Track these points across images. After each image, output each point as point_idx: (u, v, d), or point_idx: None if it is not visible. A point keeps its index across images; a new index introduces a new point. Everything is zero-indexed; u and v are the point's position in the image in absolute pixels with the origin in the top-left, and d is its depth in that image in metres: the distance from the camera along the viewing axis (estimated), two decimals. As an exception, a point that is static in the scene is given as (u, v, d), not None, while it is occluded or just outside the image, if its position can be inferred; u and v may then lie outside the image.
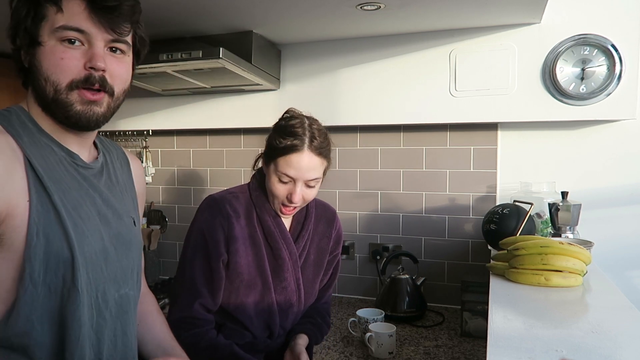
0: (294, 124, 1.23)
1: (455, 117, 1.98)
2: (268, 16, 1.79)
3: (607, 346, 0.90)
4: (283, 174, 1.21)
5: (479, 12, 1.74)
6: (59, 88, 0.82)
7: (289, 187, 1.23)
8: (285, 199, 1.24)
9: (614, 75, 1.77)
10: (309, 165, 1.22)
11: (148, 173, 2.60)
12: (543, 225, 1.82)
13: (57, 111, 0.84)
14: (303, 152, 1.20)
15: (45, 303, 0.80)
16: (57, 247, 0.80)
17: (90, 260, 0.84)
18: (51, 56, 0.81)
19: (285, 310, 1.32)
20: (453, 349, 1.68)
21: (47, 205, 0.79)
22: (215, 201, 1.27)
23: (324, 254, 1.40)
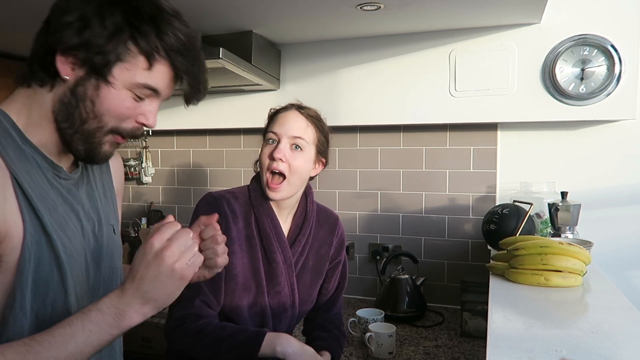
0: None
1: (455, 117, 1.98)
2: (268, 16, 1.79)
3: (606, 346, 0.90)
4: (269, 132, 1.26)
5: (478, 12, 1.74)
6: (102, 128, 0.78)
7: (273, 146, 1.25)
8: (268, 159, 1.24)
9: (613, 75, 1.77)
10: (294, 122, 1.25)
11: (148, 173, 2.59)
12: (543, 226, 1.82)
13: (78, 143, 0.78)
14: (289, 111, 1.28)
15: (33, 331, 0.74)
16: (46, 273, 0.75)
17: (77, 281, 0.81)
18: (118, 102, 0.77)
19: (278, 315, 1.30)
20: (453, 349, 1.68)
21: (37, 227, 0.75)
22: (213, 199, 1.25)
23: (324, 261, 1.38)
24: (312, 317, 1.44)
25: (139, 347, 2.01)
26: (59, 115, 0.77)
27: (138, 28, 0.75)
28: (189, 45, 0.79)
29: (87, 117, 0.76)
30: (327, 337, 1.38)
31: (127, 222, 2.64)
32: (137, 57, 0.76)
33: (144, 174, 2.59)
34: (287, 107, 1.29)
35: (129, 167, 2.61)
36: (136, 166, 2.60)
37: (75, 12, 0.74)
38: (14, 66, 2.31)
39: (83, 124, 0.77)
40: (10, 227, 0.72)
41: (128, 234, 2.55)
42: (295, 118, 1.26)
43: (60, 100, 0.77)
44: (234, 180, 2.45)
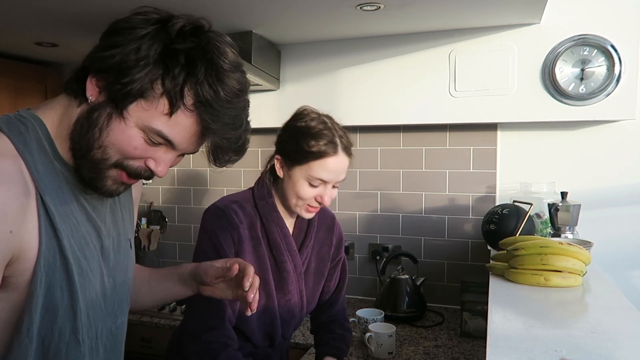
0: (321, 127, 1.18)
1: (454, 118, 1.98)
2: (268, 16, 1.79)
3: (606, 346, 0.90)
4: (316, 178, 1.18)
5: (478, 12, 1.74)
6: (106, 161, 0.73)
7: (319, 189, 1.20)
8: (314, 200, 1.21)
9: (613, 75, 1.77)
10: (344, 167, 1.21)
11: (148, 173, 2.59)
12: (543, 226, 1.82)
13: (84, 169, 0.74)
14: (338, 154, 1.18)
15: (38, 357, 0.73)
16: (57, 298, 0.72)
17: (91, 304, 0.79)
18: (125, 139, 0.71)
19: (287, 321, 1.30)
20: (453, 349, 1.68)
21: (54, 249, 0.71)
22: (222, 211, 1.21)
23: (325, 262, 1.38)
24: (317, 315, 1.44)
25: (139, 347, 2.02)
26: (73, 134, 0.74)
27: (169, 67, 0.68)
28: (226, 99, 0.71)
29: (93, 145, 0.72)
30: (330, 339, 1.38)
31: (127, 222, 2.64)
32: (160, 99, 0.69)
33: (144, 175, 2.58)
34: (333, 150, 1.17)
35: (129, 167, 2.60)
36: (136, 166, 2.60)
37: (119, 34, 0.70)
38: (14, 66, 2.31)
39: (89, 152, 0.72)
40: (25, 248, 0.68)
41: (128, 234, 2.55)
42: (344, 162, 1.21)
43: (79, 119, 0.73)
44: (233, 180, 2.45)
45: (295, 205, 1.23)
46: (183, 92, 0.68)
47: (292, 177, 1.20)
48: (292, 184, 1.20)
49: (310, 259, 1.33)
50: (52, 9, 1.62)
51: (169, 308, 2.05)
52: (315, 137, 1.17)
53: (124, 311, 0.91)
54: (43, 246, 0.70)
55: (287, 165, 1.21)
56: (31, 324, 0.70)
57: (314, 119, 1.21)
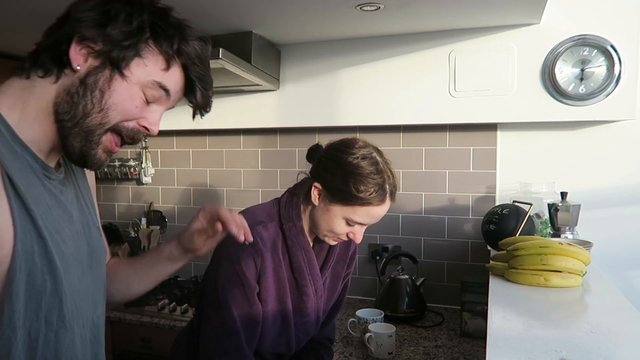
0: (372, 169, 1.12)
1: (454, 118, 1.98)
2: (268, 16, 1.79)
3: (606, 346, 0.90)
4: (356, 222, 1.14)
5: (478, 12, 1.74)
6: (104, 125, 0.75)
7: (354, 228, 1.16)
8: (345, 235, 1.18)
9: (613, 75, 1.77)
10: (385, 212, 1.18)
11: (148, 173, 2.59)
12: (542, 226, 1.82)
13: (75, 139, 0.75)
14: (385, 203, 1.15)
15: (25, 349, 0.70)
16: (38, 283, 0.70)
17: (75, 290, 0.77)
18: (128, 97, 0.75)
19: (302, 341, 1.29)
20: (452, 349, 1.68)
21: (31, 232, 0.70)
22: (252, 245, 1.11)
23: (339, 278, 1.34)
24: None
25: (139, 347, 2.02)
26: (60, 106, 0.74)
27: (163, 29, 0.76)
28: (203, 57, 0.81)
29: (92, 109, 0.73)
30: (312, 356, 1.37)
31: (127, 222, 2.65)
32: (157, 56, 0.77)
33: (144, 174, 2.59)
34: (382, 199, 1.13)
35: (129, 167, 2.61)
36: (136, 166, 2.60)
37: (99, 7, 0.74)
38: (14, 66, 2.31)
39: (86, 117, 0.74)
40: (1, 235, 0.67)
41: (128, 234, 2.55)
42: (387, 208, 1.18)
43: (67, 90, 0.74)
44: (233, 180, 2.45)
45: (324, 236, 1.19)
46: (175, 48, 0.77)
47: (329, 212, 1.15)
48: (328, 218, 1.15)
49: (326, 275, 1.29)
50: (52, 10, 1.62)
51: (168, 308, 2.05)
52: (365, 182, 1.10)
53: (102, 301, 0.90)
54: (18, 229, 0.68)
55: (327, 198, 1.15)
56: (12, 313, 0.68)
57: (366, 158, 1.13)
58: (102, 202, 2.74)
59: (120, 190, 2.71)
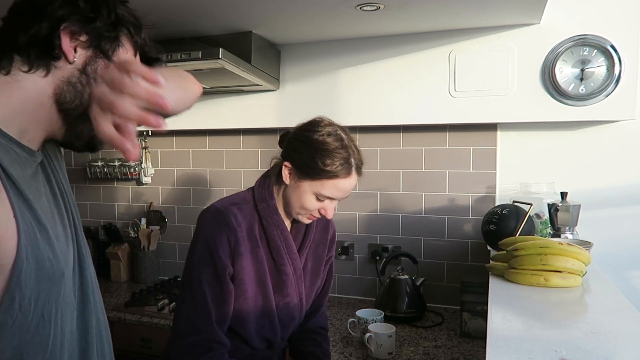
0: (337, 145, 1.18)
1: (454, 118, 1.98)
2: (267, 17, 1.79)
3: (606, 346, 0.90)
4: (325, 196, 1.19)
5: (478, 12, 1.74)
6: None
7: (324, 203, 1.21)
8: (317, 212, 1.22)
9: (613, 75, 1.77)
10: (353, 186, 1.23)
11: (147, 174, 2.59)
12: (542, 226, 1.82)
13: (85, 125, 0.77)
14: (351, 176, 1.20)
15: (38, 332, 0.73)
16: (47, 269, 0.73)
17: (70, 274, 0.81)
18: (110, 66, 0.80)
19: (286, 324, 1.30)
20: (452, 349, 1.68)
21: (31, 222, 0.72)
22: (220, 213, 1.19)
23: (321, 261, 1.38)
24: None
25: (139, 347, 2.01)
26: (63, 97, 0.78)
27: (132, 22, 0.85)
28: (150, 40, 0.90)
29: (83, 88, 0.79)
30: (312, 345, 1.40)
31: (127, 222, 2.65)
32: (130, 43, 0.85)
33: (144, 175, 2.59)
34: (348, 171, 1.19)
35: (129, 167, 2.61)
36: (136, 166, 2.60)
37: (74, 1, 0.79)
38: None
39: (82, 96, 0.79)
40: (4, 228, 0.68)
41: (128, 234, 2.55)
42: (354, 183, 1.23)
43: (66, 81, 0.78)
44: (233, 180, 2.45)
45: (297, 214, 1.24)
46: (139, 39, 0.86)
47: (299, 188, 1.20)
48: (299, 195, 1.20)
49: (307, 259, 1.33)
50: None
51: (168, 308, 2.05)
52: (330, 156, 1.16)
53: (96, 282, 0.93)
54: (19, 220, 0.70)
55: (297, 175, 1.20)
56: (23, 299, 0.70)
57: (331, 135, 1.19)
58: (102, 202, 2.74)
59: (120, 190, 2.71)
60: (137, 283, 2.50)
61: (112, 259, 2.56)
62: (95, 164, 2.67)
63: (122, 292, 2.36)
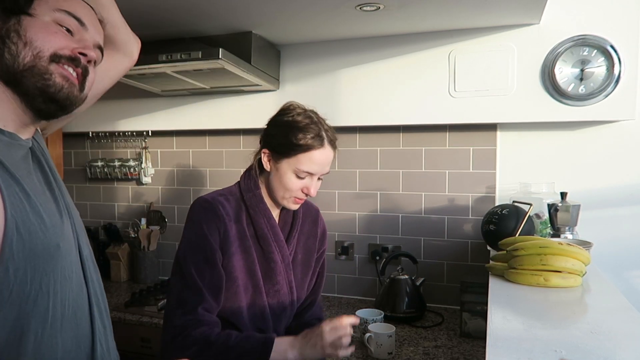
0: (307, 121, 1.23)
1: (454, 118, 1.98)
2: (267, 17, 1.79)
3: (606, 347, 0.90)
4: (304, 171, 1.22)
5: (478, 12, 1.74)
6: (40, 55, 0.77)
7: (305, 181, 1.24)
8: (300, 192, 1.25)
9: (613, 76, 1.77)
10: (329, 159, 1.26)
11: (147, 174, 2.59)
12: (542, 226, 1.82)
13: (28, 81, 0.77)
14: (324, 147, 1.23)
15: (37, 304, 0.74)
16: (40, 240, 0.74)
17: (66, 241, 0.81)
18: (43, 27, 0.79)
19: (278, 314, 1.30)
20: (452, 349, 1.68)
21: (18, 194, 0.73)
22: (208, 203, 1.23)
23: (312, 253, 1.40)
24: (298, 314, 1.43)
25: (139, 347, 2.01)
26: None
27: None
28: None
29: (17, 49, 0.77)
30: None
31: (127, 222, 2.65)
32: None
33: (144, 175, 2.59)
34: (320, 143, 1.22)
35: (129, 167, 2.61)
36: (136, 166, 2.60)
37: None
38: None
39: (17, 57, 0.77)
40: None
41: (128, 234, 2.55)
42: (329, 155, 1.25)
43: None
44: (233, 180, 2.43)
45: (283, 198, 1.26)
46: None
47: (279, 170, 1.24)
48: (280, 177, 1.24)
49: (297, 251, 1.35)
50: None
51: (168, 308, 2.05)
52: (302, 131, 1.21)
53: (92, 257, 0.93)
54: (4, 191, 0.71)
55: (275, 158, 1.25)
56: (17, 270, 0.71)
57: (301, 114, 1.25)
58: (102, 202, 2.74)
59: (120, 190, 2.71)
60: (137, 283, 2.50)
61: (112, 259, 2.56)
62: (95, 164, 2.67)
63: (122, 292, 2.36)
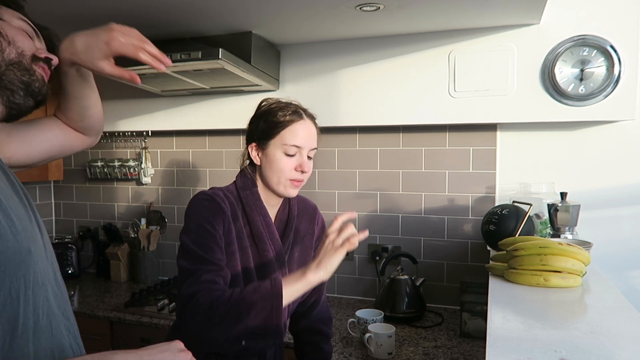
0: (283, 104, 1.29)
1: (454, 118, 1.98)
2: (267, 17, 1.79)
3: (606, 347, 0.90)
4: (291, 145, 1.24)
5: (478, 12, 1.74)
6: (24, 54, 0.83)
7: (296, 158, 1.25)
8: (294, 171, 1.25)
9: (612, 76, 1.77)
10: (312, 133, 1.28)
11: (147, 174, 2.59)
12: (542, 226, 1.82)
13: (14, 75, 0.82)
14: (305, 119, 1.27)
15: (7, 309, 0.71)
16: (11, 243, 0.71)
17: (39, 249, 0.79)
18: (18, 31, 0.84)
19: None
20: (452, 349, 1.68)
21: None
22: (212, 197, 1.23)
23: (308, 251, 1.40)
24: (304, 313, 1.44)
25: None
26: None
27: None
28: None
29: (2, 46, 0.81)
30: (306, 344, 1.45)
31: (127, 222, 2.65)
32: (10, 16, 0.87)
33: (144, 175, 2.59)
34: (299, 116, 1.26)
35: (129, 167, 2.61)
36: (135, 167, 2.60)
37: None
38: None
39: (3, 53, 0.81)
40: None
41: (128, 234, 2.55)
42: (311, 127, 1.28)
43: None
44: (233, 180, 2.45)
45: (279, 184, 1.26)
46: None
47: (268, 155, 1.26)
48: (270, 162, 1.26)
49: (294, 249, 1.35)
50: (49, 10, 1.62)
51: (168, 309, 2.05)
52: (281, 110, 1.27)
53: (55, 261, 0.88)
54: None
55: (262, 145, 1.27)
56: None
57: (275, 101, 1.31)
58: (102, 202, 2.74)
59: (120, 190, 2.71)
60: (137, 283, 2.50)
61: (112, 259, 2.56)
62: (95, 164, 2.67)
63: (121, 292, 2.36)
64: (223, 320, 1.08)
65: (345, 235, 1.10)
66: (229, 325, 1.08)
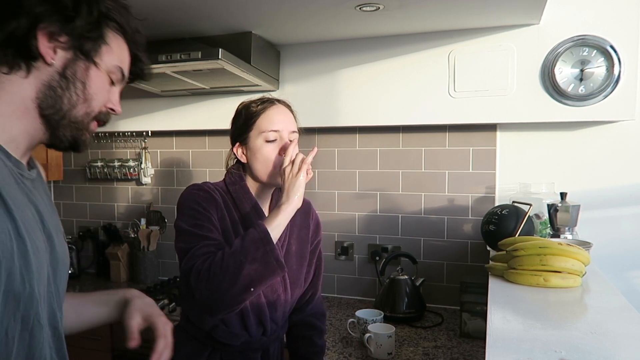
0: (254, 98, 1.34)
1: (454, 118, 1.98)
2: (267, 17, 1.79)
3: (605, 347, 0.90)
4: (270, 130, 1.26)
5: (478, 13, 1.74)
6: (90, 113, 0.79)
7: (277, 143, 1.27)
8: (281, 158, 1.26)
9: (612, 76, 1.77)
10: (288, 116, 1.31)
11: (147, 174, 2.59)
12: (542, 226, 1.82)
13: (66, 129, 0.77)
14: (277, 105, 1.30)
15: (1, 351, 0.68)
16: (17, 284, 0.68)
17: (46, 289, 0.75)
18: (102, 84, 0.79)
19: (273, 302, 1.31)
20: (452, 349, 1.68)
21: (11, 233, 0.67)
22: (205, 189, 1.26)
23: (305, 244, 1.40)
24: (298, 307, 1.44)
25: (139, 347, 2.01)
26: (44, 102, 0.74)
27: (116, 13, 0.80)
28: (141, 31, 0.86)
29: (77, 100, 0.76)
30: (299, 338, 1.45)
31: (127, 222, 2.65)
32: (118, 40, 0.81)
33: (144, 175, 2.59)
34: (271, 102, 1.31)
35: (128, 167, 2.61)
36: (135, 167, 2.60)
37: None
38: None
39: (72, 109, 0.76)
40: None
41: (127, 234, 2.55)
42: (285, 112, 1.31)
43: (47, 84, 0.74)
44: (233, 180, 2.45)
45: (270, 175, 1.28)
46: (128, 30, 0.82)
47: (252, 148, 1.29)
48: (255, 154, 1.28)
49: (290, 242, 1.35)
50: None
51: (168, 309, 2.05)
52: (253, 103, 1.32)
53: (62, 307, 0.85)
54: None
55: (243, 141, 1.31)
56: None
57: (248, 100, 1.36)
58: (102, 202, 2.74)
59: (119, 190, 2.71)
60: (136, 283, 2.50)
61: (112, 259, 2.56)
62: (95, 164, 2.67)
63: (121, 293, 2.36)
64: (225, 274, 1.10)
65: (297, 161, 1.19)
66: (232, 276, 1.10)
